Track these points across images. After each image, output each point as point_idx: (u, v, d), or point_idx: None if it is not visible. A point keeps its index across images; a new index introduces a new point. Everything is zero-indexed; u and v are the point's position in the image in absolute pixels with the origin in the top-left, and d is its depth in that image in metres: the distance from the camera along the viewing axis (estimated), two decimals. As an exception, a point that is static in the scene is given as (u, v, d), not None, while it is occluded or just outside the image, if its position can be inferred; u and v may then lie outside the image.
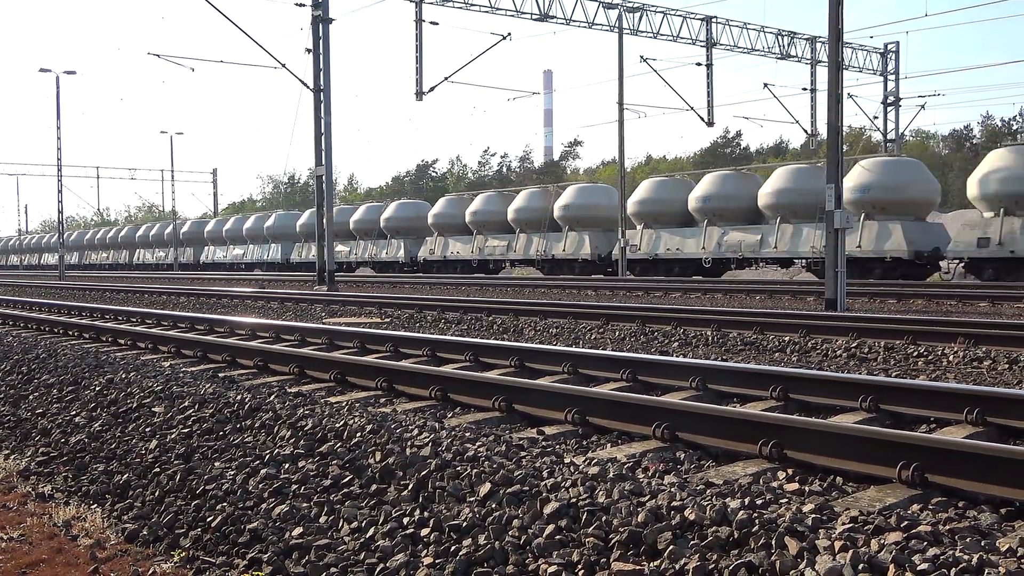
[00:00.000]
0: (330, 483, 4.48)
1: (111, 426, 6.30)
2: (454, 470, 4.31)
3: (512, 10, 32.86)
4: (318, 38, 28.10)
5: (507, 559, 3.44)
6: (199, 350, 10.46)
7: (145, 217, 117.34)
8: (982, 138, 72.95)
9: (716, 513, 3.47)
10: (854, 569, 2.95)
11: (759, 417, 5.22)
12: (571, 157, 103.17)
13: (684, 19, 36.83)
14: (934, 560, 2.96)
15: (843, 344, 10.23)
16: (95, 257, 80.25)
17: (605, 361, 8.05)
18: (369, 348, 10.50)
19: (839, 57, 16.59)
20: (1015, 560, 3.01)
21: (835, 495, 4.39)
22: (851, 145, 60.38)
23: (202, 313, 17.38)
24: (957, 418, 5.73)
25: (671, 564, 3.19)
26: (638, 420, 5.70)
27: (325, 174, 28.46)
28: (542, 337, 12.17)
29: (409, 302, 18.34)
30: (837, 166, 16.46)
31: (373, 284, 32.36)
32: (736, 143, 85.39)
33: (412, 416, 6.02)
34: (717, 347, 10.72)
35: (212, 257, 62.55)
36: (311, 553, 3.71)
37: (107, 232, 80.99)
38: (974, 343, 9.82)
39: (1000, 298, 17.14)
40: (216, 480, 4.72)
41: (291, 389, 7.51)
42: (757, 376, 6.95)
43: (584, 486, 3.93)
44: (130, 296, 26.72)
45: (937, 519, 3.78)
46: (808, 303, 18.36)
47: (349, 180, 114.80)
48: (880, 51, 41.63)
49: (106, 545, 4.15)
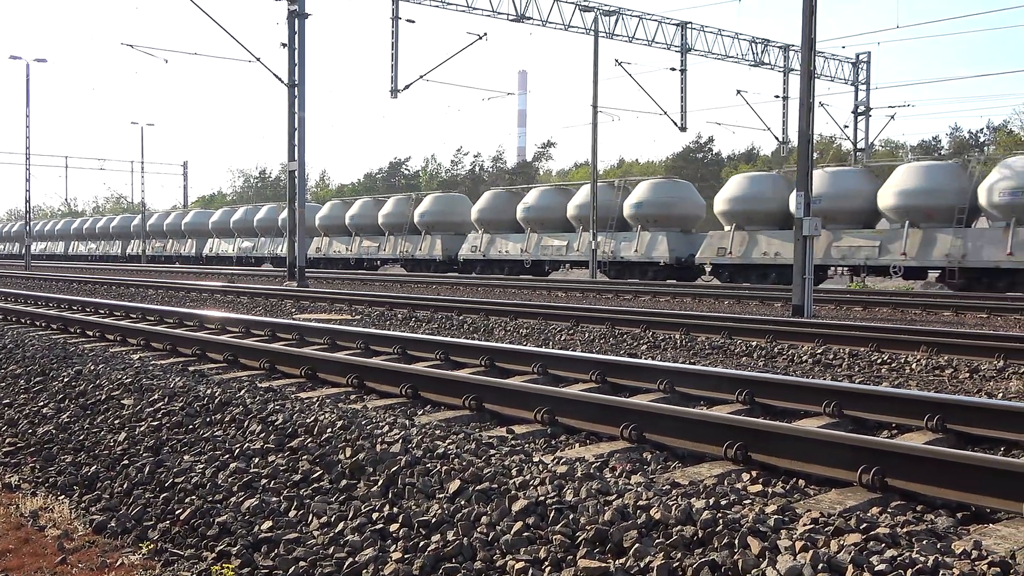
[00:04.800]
0: (300, 478, 4.50)
1: (79, 418, 6.27)
2: (424, 467, 4.34)
3: (489, 10, 32.87)
4: (294, 33, 28.00)
5: (475, 555, 3.48)
6: (169, 343, 10.41)
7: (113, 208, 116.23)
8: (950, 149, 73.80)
9: (681, 513, 3.53)
10: (814, 569, 3.02)
11: (725, 420, 5.30)
12: (544, 158, 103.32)
13: (659, 24, 36.98)
14: (891, 561, 3.03)
15: (809, 350, 10.35)
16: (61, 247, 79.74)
17: (574, 362, 8.11)
18: (340, 344, 10.50)
19: (811, 66, 16.75)
20: (969, 562, 3.09)
21: (797, 497, 4.47)
22: (821, 153, 60.90)
23: (171, 306, 17.28)
24: (918, 424, 5.84)
25: (636, 562, 3.25)
26: (606, 421, 5.76)
27: (298, 169, 28.36)
28: (512, 337, 12.21)
29: (380, 299, 18.33)
30: (807, 174, 16.62)
31: (343, 281, 32.26)
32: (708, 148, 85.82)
33: (383, 413, 6.04)
34: (685, 350, 10.81)
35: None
36: (280, 547, 3.74)
37: (71, 223, 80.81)
38: (936, 351, 9.97)
39: (963, 308, 17.38)
40: (185, 473, 4.73)
41: (262, 384, 7.52)
42: (724, 380, 7.04)
43: (552, 484, 3.98)
44: (98, 288, 26.48)
45: (895, 522, 3.86)
46: (776, 309, 18.52)
47: (321, 176, 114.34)
48: (851, 61, 42.02)
49: (74, 536, 4.15)
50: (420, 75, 32.08)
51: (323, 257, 49.35)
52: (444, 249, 42.02)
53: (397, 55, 31.09)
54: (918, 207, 27.12)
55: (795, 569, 3.01)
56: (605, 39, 35.72)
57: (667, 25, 37.18)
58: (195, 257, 60.95)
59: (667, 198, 34.62)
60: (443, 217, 43.01)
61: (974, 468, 4.22)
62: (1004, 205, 25.28)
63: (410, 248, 43.63)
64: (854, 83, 42.35)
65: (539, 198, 38.67)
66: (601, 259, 35.30)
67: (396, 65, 31.10)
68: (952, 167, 28.04)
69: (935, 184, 27.13)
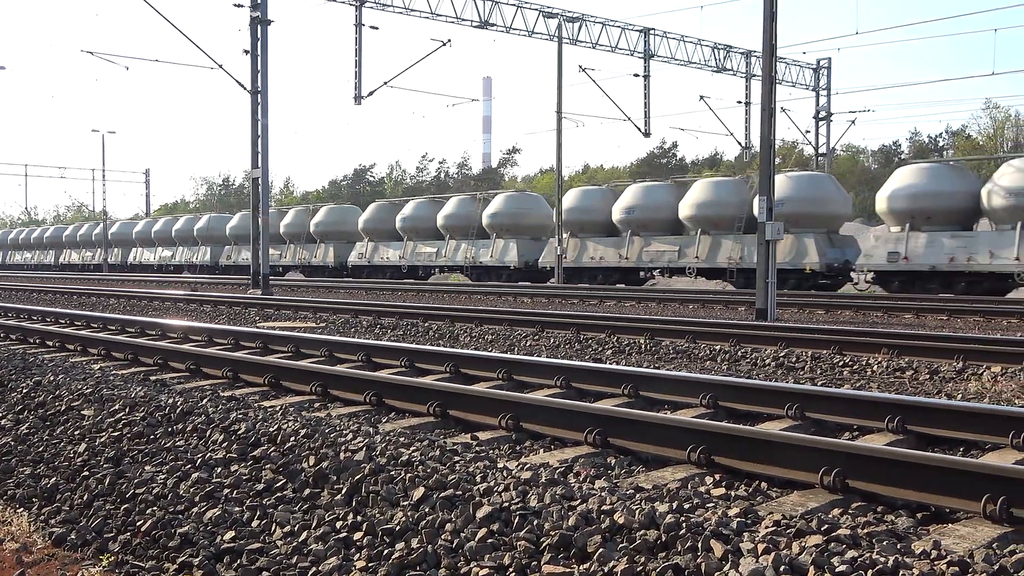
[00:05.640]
0: (263, 487, 4.47)
1: (38, 429, 6.19)
2: (388, 474, 4.33)
3: (453, 16, 32.87)
4: (256, 39, 27.82)
5: (439, 563, 3.47)
6: (130, 353, 10.31)
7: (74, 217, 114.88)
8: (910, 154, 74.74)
9: (645, 517, 3.54)
10: (776, 571, 3.04)
11: (688, 424, 5.33)
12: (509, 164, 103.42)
13: (622, 30, 37.17)
14: (852, 562, 3.06)
15: (772, 353, 10.43)
16: (19, 257, 79.15)
17: (539, 368, 8.12)
18: (304, 352, 10.44)
19: (772, 72, 16.91)
20: (929, 562, 3.13)
21: (760, 499, 4.50)
22: (783, 158, 61.46)
23: (133, 315, 17.10)
24: (879, 426, 5.90)
25: (600, 567, 3.25)
26: (571, 426, 5.77)
27: (261, 177, 28.17)
28: (477, 343, 12.20)
29: (344, 307, 18.26)
30: (769, 179, 16.77)
31: (308, 288, 32.10)
32: (672, 154, 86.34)
33: (347, 420, 6.02)
34: (650, 355, 10.86)
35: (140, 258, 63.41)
36: (243, 557, 3.71)
37: (32, 232, 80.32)
38: (897, 354, 10.09)
39: (924, 310, 17.60)
40: (147, 484, 4.68)
41: (224, 393, 7.45)
42: (688, 384, 7.07)
43: (516, 491, 3.98)
44: (58, 297, 26.16)
45: (856, 523, 3.89)
46: (739, 313, 18.65)
47: (285, 183, 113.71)
48: (812, 67, 42.45)
49: (33, 549, 4.09)
50: (384, 82, 32.07)
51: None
52: (336, 256, 46.56)
53: (361, 61, 31.04)
54: (708, 217, 31.38)
55: (757, 571, 3.03)
56: (569, 45, 35.89)
57: (630, 31, 37.40)
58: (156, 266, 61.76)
59: (517, 209, 38.62)
60: (336, 227, 47.19)
61: (934, 468, 4.27)
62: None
63: (307, 255, 48.43)
64: (815, 88, 42.80)
65: (414, 209, 42.57)
66: (463, 263, 39.39)
67: (360, 72, 31.05)
68: (737, 182, 32.28)
69: (721, 197, 31.38)
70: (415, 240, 41.94)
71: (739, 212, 30.81)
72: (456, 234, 39.80)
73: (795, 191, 29.43)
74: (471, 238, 39.26)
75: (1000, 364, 9.23)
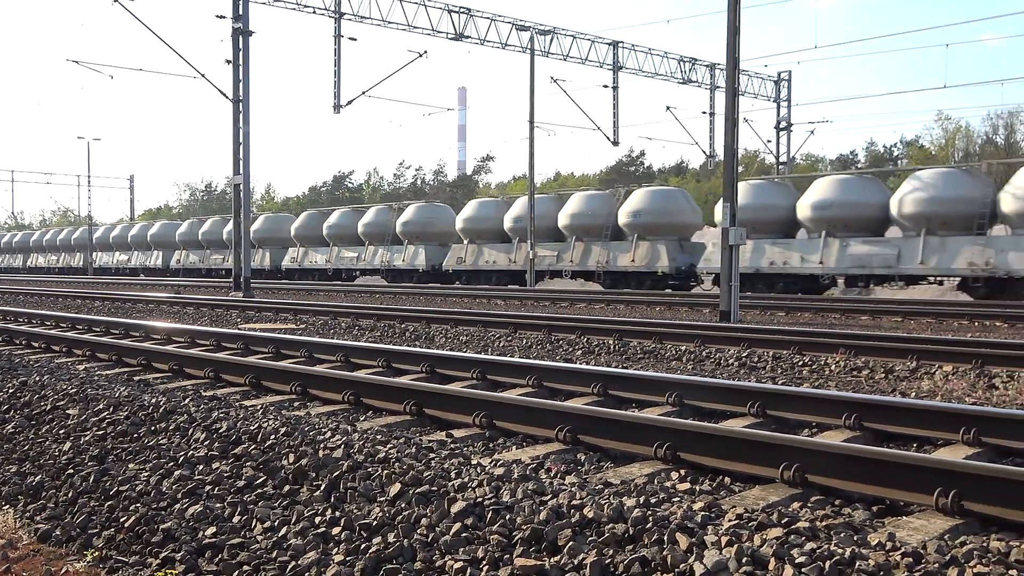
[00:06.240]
0: (244, 484, 4.44)
1: (24, 428, 6.12)
2: (365, 471, 4.31)
3: (429, 28, 32.82)
4: (238, 50, 27.66)
5: (415, 556, 3.46)
6: (114, 354, 10.21)
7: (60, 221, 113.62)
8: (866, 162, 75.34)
9: (613, 511, 3.55)
10: (738, 563, 3.05)
11: (655, 421, 5.34)
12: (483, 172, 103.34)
13: (592, 43, 37.25)
14: (811, 553, 3.08)
15: (735, 354, 10.48)
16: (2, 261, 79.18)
17: (512, 368, 8.12)
18: (284, 353, 10.38)
19: (735, 84, 17.01)
20: (884, 553, 3.15)
21: (723, 494, 4.52)
22: (746, 166, 61.80)
23: (117, 317, 16.95)
24: (837, 423, 5.95)
25: (570, 559, 3.25)
26: (542, 424, 5.77)
27: (243, 183, 28.01)
28: (453, 344, 12.18)
29: (324, 309, 18.18)
30: (732, 186, 16.86)
31: (289, 291, 31.93)
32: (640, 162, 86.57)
33: (325, 419, 5.99)
34: (618, 355, 10.88)
35: (100, 262, 65.61)
36: (224, 552, 3.68)
37: (14, 236, 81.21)
38: (854, 354, 10.16)
39: (880, 312, 17.76)
40: (130, 481, 4.63)
41: (206, 393, 7.39)
42: (654, 383, 7.09)
43: (490, 486, 3.98)
44: (44, 300, 25.87)
45: (815, 516, 3.92)
46: (704, 315, 18.73)
47: (267, 189, 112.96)
48: (774, 79, 42.71)
49: (18, 545, 4.04)
50: (363, 91, 31.96)
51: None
52: (272, 260, 48.96)
53: (340, 72, 30.92)
54: (581, 226, 34.53)
55: (721, 563, 3.05)
56: (541, 57, 35.91)
57: (600, 44, 37.49)
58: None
59: (426, 218, 41.36)
60: (271, 234, 49.64)
61: (889, 464, 4.30)
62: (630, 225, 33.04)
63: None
64: (776, 100, 43.08)
65: (339, 218, 45.60)
66: (380, 266, 42.13)
67: (339, 81, 30.93)
68: (605, 196, 35.44)
69: (592, 209, 34.51)
70: (339, 246, 44.95)
71: (607, 222, 33.93)
72: (374, 240, 42.87)
73: (650, 204, 33.03)
74: (387, 244, 42.26)
75: (951, 364, 9.33)
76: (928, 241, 25.89)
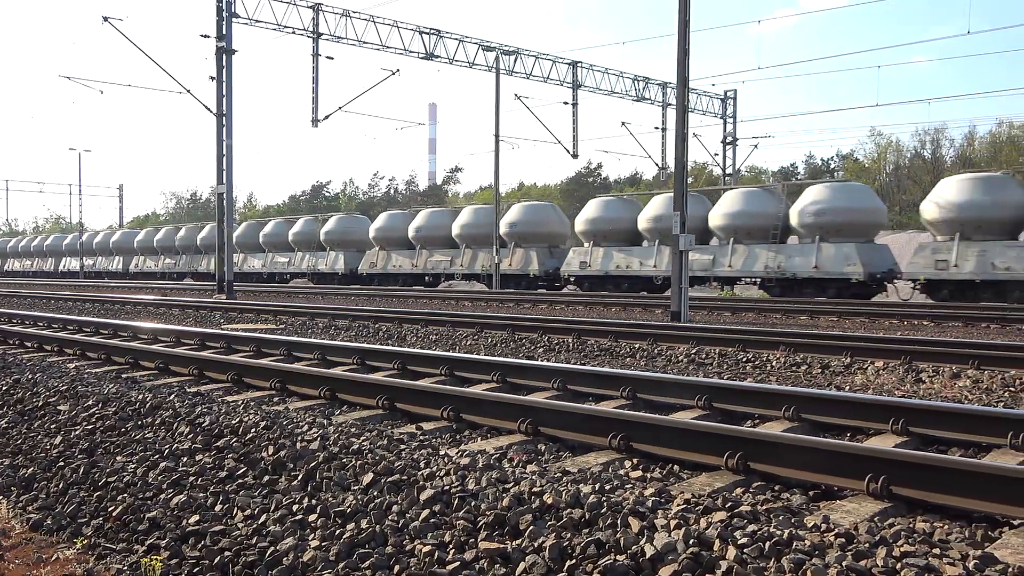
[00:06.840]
0: (226, 475, 4.40)
1: (17, 423, 6.02)
2: (340, 462, 4.29)
3: (401, 48, 32.71)
4: (221, 67, 27.41)
5: (387, 541, 3.45)
6: (103, 353, 10.07)
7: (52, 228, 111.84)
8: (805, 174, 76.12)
9: (571, 497, 3.56)
10: (686, 544, 3.08)
11: (610, 414, 5.36)
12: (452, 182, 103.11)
13: (553, 63, 37.32)
14: (752, 535, 3.11)
15: (684, 351, 10.54)
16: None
17: (478, 364, 8.11)
18: (264, 352, 10.30)
19: (685, 101, 17.13)
20: (819, 534, 3.19)
21: (672, 481, 4.55)
22: (695, 178, 62.19)
23: (106, 319, 16.72)
24: (777, 415, 6.01)
25: (531, 542, 3.26)
26: (506, 416, 5.78)
27: (226, 192, 27.77)
28: (423, 343, 12.15)
29: (303, 310, 18.05)
30: (682, 196, 16.98)
31: (270, 293, 31.67)
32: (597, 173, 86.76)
33: (303, 413, 5.96)
34: (577, 353, 10.91)
35: (68, 267, 66.50)
36: (207, 538, 3.65)
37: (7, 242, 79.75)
38: (793, 351, 10.27)
39: (818, 312, 17.95)
40: (118, 473, 4.58)
41: (191, 389, 7.33)
42: (610, 378, 7.12)
43: (456, 475, 3.98)
44: (36, 301, 25.46)
45: (756, 500, 3.96)
46: (656, 315, 18.83)
47: (248, 198, 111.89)
48: (720, 97, 43.00)
49: (11, 534, 3.98)
50: (339, 106, 31.79)
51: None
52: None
53: (317, 88, 30.73)
54: (471, 235, 36.62)
55: (670, 544, 3.07)
56: (506, 75, 35.90)
57: (560, 64, 37.58)
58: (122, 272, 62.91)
59: (345, 227, 43.67)
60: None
61: (824, 452, 4.35)
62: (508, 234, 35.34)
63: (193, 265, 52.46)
64: (723, 116, 43.39)
65: (273, 228, 47.97)
66: (307, 271, 44.25)
67: (317, 97, 30.73)
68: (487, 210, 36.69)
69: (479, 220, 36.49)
70: (273, 252, 47.55)
71: (490, 231, 35.60)
72: (302, 247, 45.34)
73: (524, 216, 35.48)
74: (313, 251, 44.64)
75: (882, 359, 9.45)
76: (735, 248, 28.85)
